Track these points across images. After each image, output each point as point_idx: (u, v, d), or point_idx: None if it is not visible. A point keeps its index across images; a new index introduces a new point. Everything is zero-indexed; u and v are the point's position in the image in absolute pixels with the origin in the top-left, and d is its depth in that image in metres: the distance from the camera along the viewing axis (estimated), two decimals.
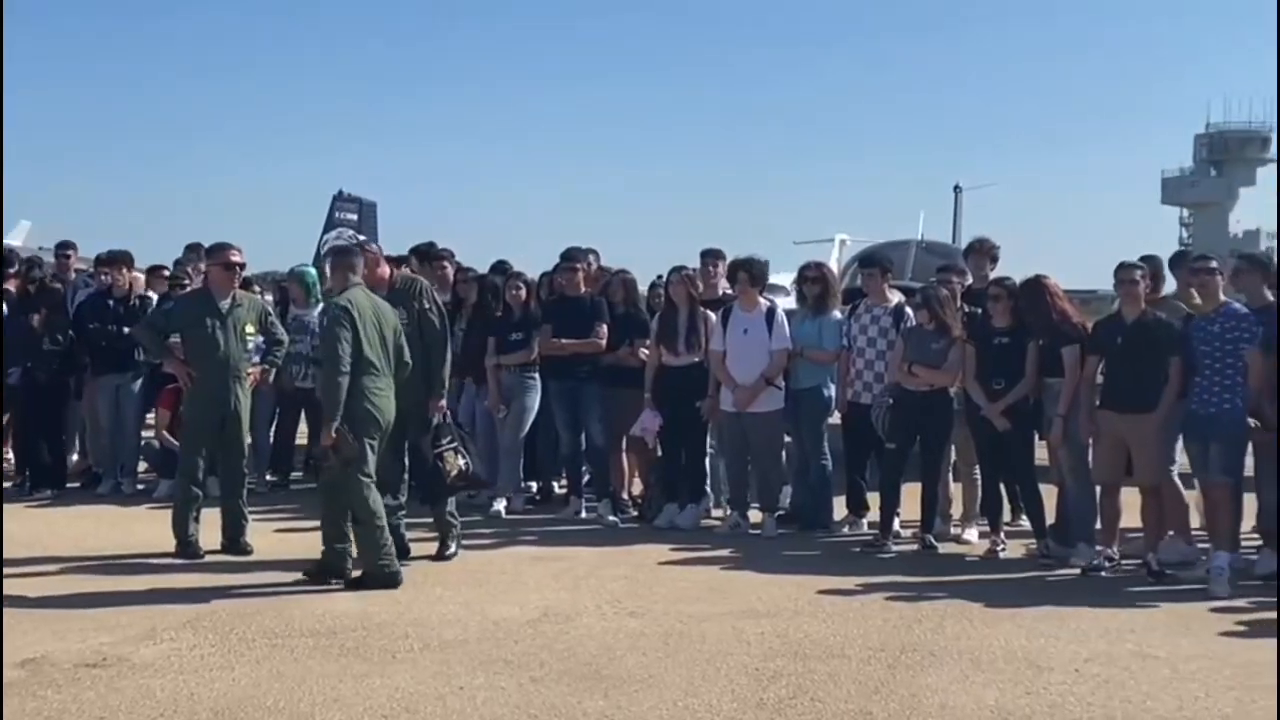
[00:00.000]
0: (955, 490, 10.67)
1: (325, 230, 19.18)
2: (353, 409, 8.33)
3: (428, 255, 11.95)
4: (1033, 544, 9.76)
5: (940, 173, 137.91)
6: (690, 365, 10.78)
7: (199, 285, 11.06)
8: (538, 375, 11.33)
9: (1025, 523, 10.06)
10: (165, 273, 12.73)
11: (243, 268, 10.03)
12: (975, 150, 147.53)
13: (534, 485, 12.00)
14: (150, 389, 12.19)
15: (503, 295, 11.44)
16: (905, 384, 9.97)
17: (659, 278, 11.80)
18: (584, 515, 11.12)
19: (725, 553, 9.75)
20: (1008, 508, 10.23)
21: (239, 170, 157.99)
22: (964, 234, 30.86)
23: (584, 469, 11.45)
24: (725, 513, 10.86)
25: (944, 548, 9.96)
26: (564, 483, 11.82)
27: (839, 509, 10.78)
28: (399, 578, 8.37)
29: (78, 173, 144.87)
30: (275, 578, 8.62)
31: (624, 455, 11.46)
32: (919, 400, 9.93)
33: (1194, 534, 9.61)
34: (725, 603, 8.11)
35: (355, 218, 19.47)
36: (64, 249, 13.54)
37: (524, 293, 11.43)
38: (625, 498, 11.44)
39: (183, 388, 9.96)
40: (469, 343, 11.33)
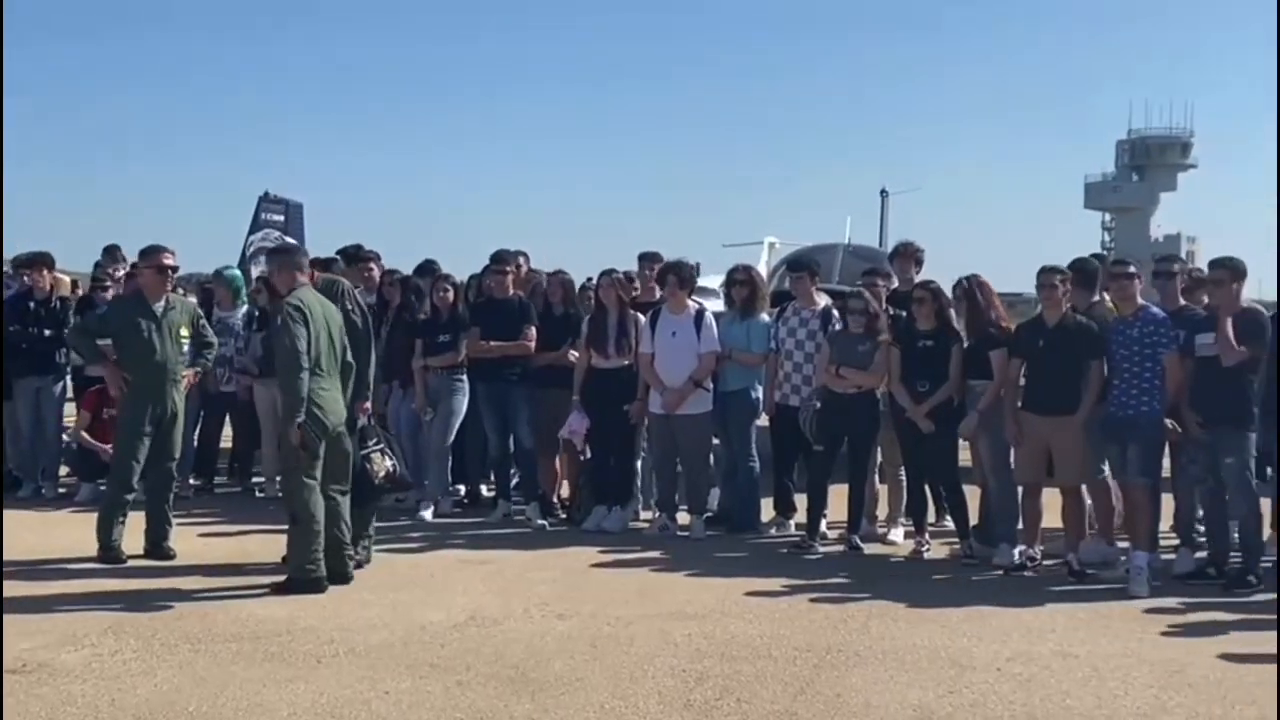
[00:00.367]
0: (881, 491, 10.76)
1: (251, 232, 18.94)
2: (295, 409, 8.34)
3: (354, 257, 11.85)
4: (957, 544, 9.87)
5: (868, 177, 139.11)
6: (620, 368, 10.80)
7: (125, 288, 10.97)
8: (465, 378, 11.29)
9: (950, 523, 10.16)
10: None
11: (175, 270, 9.93)
12: (902, 155, 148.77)
13: (461, 489, 11.95)
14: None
15: (429, 297, 11.40)
16: (832, 387, 10.05)
17: (589, 280, 11.81)
18: (512, 518, 11.10)
19: (653, 555, 9.77)
20: (932, 509, 10.34)
21: (159, 170, 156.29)
22: (891, 238, 31.17)
23: (512, 472, 11.44)
24: (653, 515, 10.88)
25: (870, 549, 10.04)
26: (492, 486, 11.78)
27: (767, 511, 10.84)
28: (324, 583, 8.32)
29: None
30: (198, 582, 8.55)
31: (556, 458, 11.45)
32: (846, 403, 10.02)
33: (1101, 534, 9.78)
34: (653, 605, 8.13)
35: (282, 219, 19.24)
36: None
37: (451, 294, 11.39)
38: (554, 501, 11.44)
39: (112, 392, 9.85)
40: (394, 345, 11.26)
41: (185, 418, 10.13)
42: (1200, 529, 9.52)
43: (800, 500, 10.50)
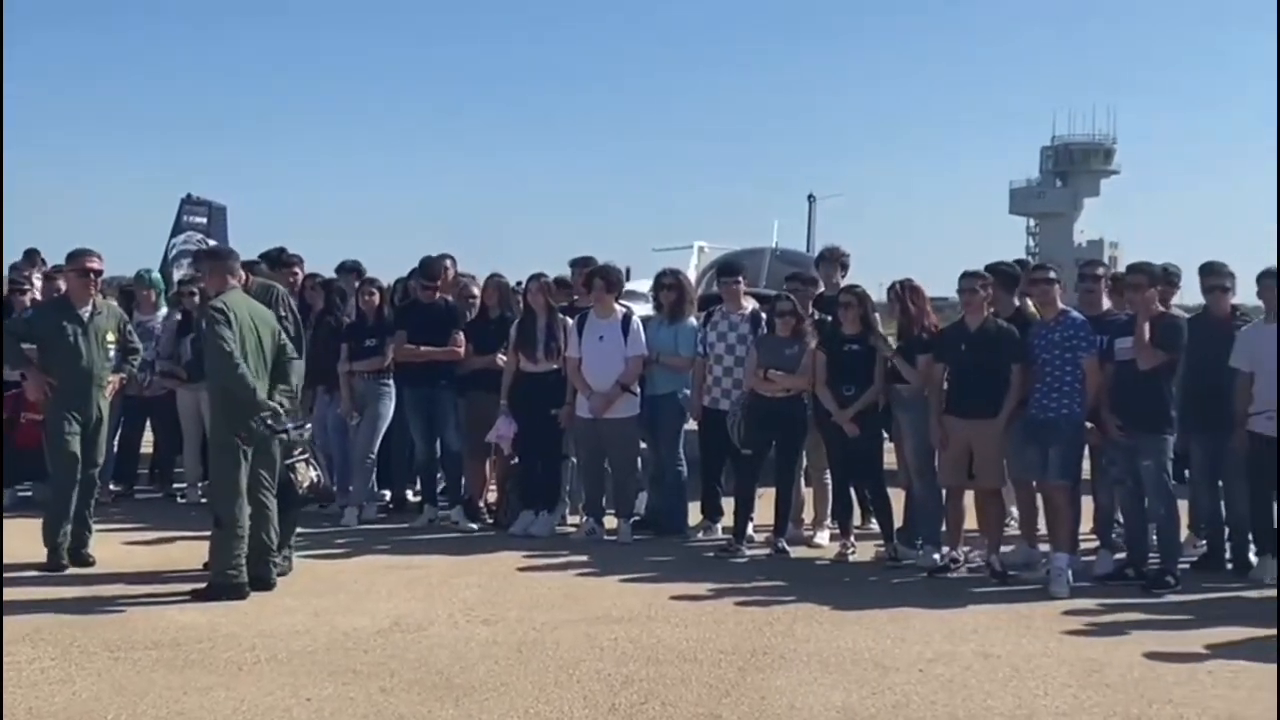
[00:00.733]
0: (807, 495, 10.81)
1: (173, 234, 18.63)
2: (229, 412, 8.26)
3: (278, 261, 11.74)
4: (882, 547, 9.94)
5: (796, 182, 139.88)
6: (548, 372, 10.77)
7: (43, 292, 10.78)
8: (392, 382, 11.22)
9: (875, 526, 10.23)
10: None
11: (100, 274, 9.75)
12: (831, 160, 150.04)
13: (387, 494, 11.88)
14: None
15: (355, 300, 11.31)
16: (760, 390, 10.09)
17: (518, 284, 11.76)
18: (438, 523, 11.04)
19: (580, 559, 9.75)
20: (858, 511, 10.41)
21: (78, 172, 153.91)
22: (818, 242, 31.24)
23: (439, 476, 11.38)
24: (581, 519, 10.87)
25: (796, 552, 10.09)
26: (418, 491, 11.72)
27: (694, 515, 10.86)
28: (246, 589, 8.24)
29: None
30: (119, 589, 8.44)
31: (486, 462, 11.40)
32: (773, 407, 10.05)
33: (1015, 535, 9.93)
34: (579, 609, 8.12)
35: (205, 221, 18.92)
36: None
37: (377, 298, 11.32)
38: (481, 505, 11.39)
39: (34, 397, 9.69)
40: (318, 349, 11.13)
41: (108, 423, 9.98)
42: (1119, 530, 9.65)
43: (728, 504, 10.54)
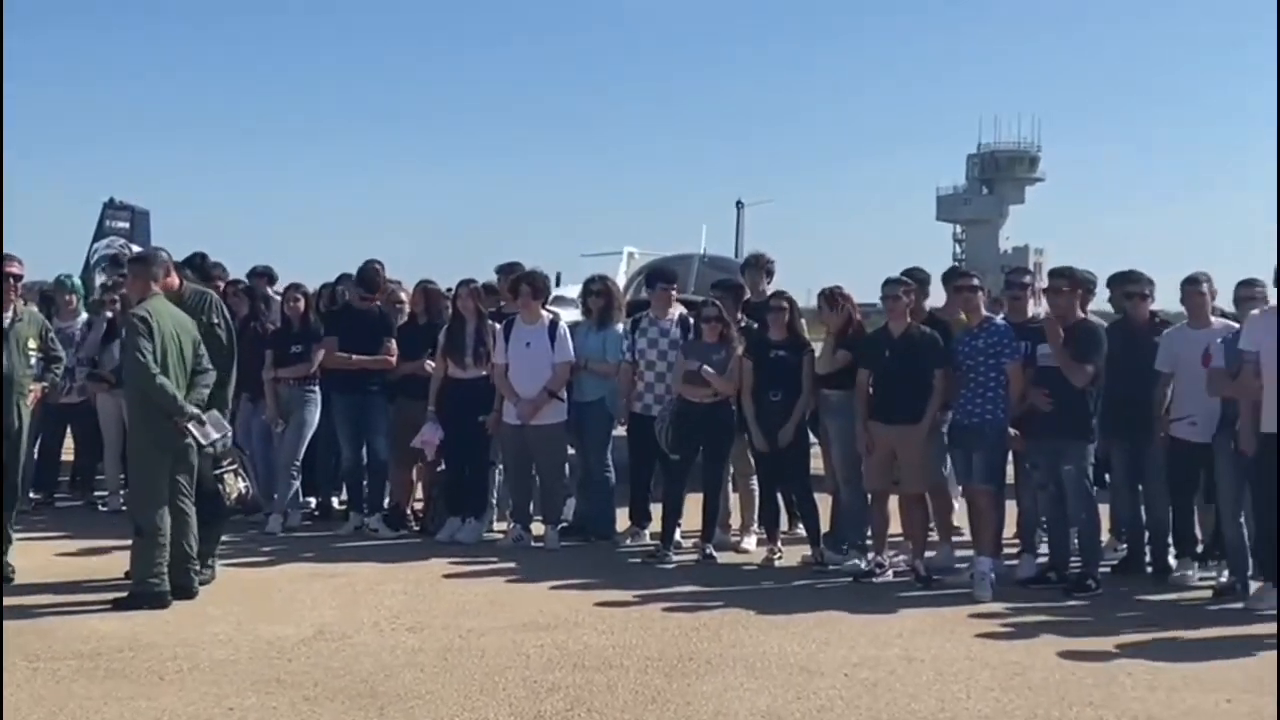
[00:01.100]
0: (734, 500, 10.85)
1: (95, 239, 18.43)
2: (149, 419, 8.17)
3: (201, 268, 11.58)
4: (809, 551, 9.99)
5: (724, 188, 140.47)
6: (477, 379, 10.72)
7: None
8: (318, 389, 11.13)
9: (802, 531, 10.29)
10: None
11: (20, 279, 9.56)
12: (759, 167, 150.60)
13: (312, 501, 11.77)
14: None
15: (281, 307, 11.21)
16: (688, 396, 10.10)
17: (447, 290, 11.70)
18: (364, 530, 10.97)
19: (507, 566, 9.73)
20: (785, 516, 10.46)
21: None
22: (746, 248, 31.48)
23: (364, 483, 11.30)
24: (508, 526, 10.83)
25: (723, 557, 10.11)
26: (343, 498, 11.63)
27: (622, 520, 10.87)
28: (168, 598, 8.14)
29: None
30: (38, 599, 8.29)
31: (414, 468, 11.34)
32: (701, 412, 10.08)
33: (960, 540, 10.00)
34: (505, 616, 8.10)
35: (127, 225, 18.71)
36: None
37: (303, 304, 11.23)
38: (408, 512, 11.32)
39: None
40: (242, 356, 10.96)
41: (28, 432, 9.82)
42: (1042, 535, 9.77)
43: (655, 510, 10.55)
